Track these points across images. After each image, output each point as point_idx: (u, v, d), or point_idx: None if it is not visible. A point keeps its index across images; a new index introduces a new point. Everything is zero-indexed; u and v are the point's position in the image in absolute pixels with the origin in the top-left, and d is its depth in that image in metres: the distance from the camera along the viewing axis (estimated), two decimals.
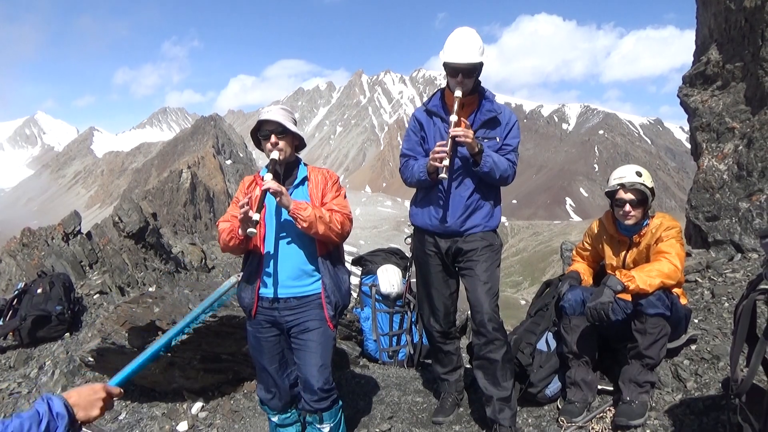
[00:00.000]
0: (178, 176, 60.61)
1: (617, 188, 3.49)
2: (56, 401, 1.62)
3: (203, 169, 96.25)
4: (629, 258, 3.61)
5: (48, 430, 1.55)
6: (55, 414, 1.59)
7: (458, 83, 3.24)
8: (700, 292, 4.56)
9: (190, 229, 37.86)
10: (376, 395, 4.39)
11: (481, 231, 3.44)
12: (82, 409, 1.69)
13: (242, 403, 4.42)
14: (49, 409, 1.59)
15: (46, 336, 5.99)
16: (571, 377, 3.60)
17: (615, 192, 3.52)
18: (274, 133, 2.94)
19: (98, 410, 1.74)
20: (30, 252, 8.43)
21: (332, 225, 2.89)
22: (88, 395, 1.72)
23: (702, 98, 5.91)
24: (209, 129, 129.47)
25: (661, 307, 3.23)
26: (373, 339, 5.40)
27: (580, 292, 3.63)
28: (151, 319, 4.02)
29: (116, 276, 8.20)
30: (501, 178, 3.31)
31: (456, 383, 3.90)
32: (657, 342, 3.28)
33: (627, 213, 3.47)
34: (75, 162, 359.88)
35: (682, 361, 3.66)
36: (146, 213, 10.44)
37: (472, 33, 3.28)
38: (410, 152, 3.56)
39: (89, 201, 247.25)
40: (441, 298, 3.64)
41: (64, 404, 1.63)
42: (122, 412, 4.47)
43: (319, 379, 2.95)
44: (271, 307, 3.01)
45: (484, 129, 3.39)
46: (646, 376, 3.34)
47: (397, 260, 5.60)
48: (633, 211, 3.46)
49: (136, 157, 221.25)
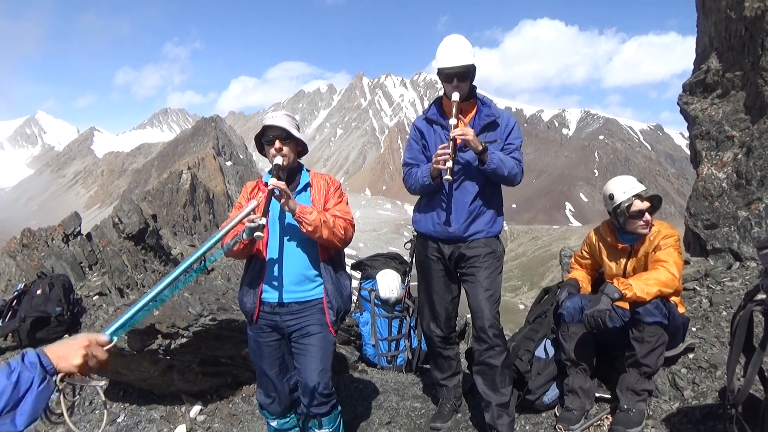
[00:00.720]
0: (178, 177, 60.63)
1: (632, 200, 3.45)
2: (30, 353, 1.53)
3: (203, 170, 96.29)
4: (629, 266, 3.63)
5: (19, 380, 1.44)
6: (28, 363, 1.48)
7: (454, 88, 3.29)
8: (698, 300, 4.57)
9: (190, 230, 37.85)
10: (375, 400, 4.40)
11: (484, 237, 3.46)
12: (62, 359, 1.57)
13: (241, 407, 4.43)
14: (22, 360, 1.49)
15: (46, 337, 5.99)
16: (569, 385, 3.61)
17: (630, 205, 3.46)
18: (278, 139, 2.96)
19: (80, 358, 1.61)
20: (30, 253, 8.44)
21: (336, 230, 2.91)
22: (68, 345, 1.61)
23: (702, 106, 5.94)
24: (210, 130, 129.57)
25: (659, 315, 3.24)
26: (372, 344, 5.41)
27: (578, 300, 3.65)
28: (150, 323, 4.02)
29: (116, 277, 8.21)
30: (509, 175, 3.32)
31: (454, 389, 3.91)
32: (654, 350, 3.29)
33: (647, 222, 3.47)
34: (75, 162, 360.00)
35: (680, 369, 3.67)
36: (146, 214, 10.45)
37: (460, 38, 3.35)
38: (413, 161, 3.59)
39: (89, 201, 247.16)
40: (442, 303, 3.66)
41: (37, 354, 1.53)
42: (120, 414, 4.48)
43: (318, 384, 2.96)
44: (272, 311, 3.03)
45: (485, 133, 3.42)
46: (644, 385, 3.35)
47: (396, 265, 5.62)
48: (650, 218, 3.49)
49: (136, 157, 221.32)
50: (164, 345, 4.10)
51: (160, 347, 4.10)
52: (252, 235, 2.71)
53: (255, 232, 2.69)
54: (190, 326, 4.11)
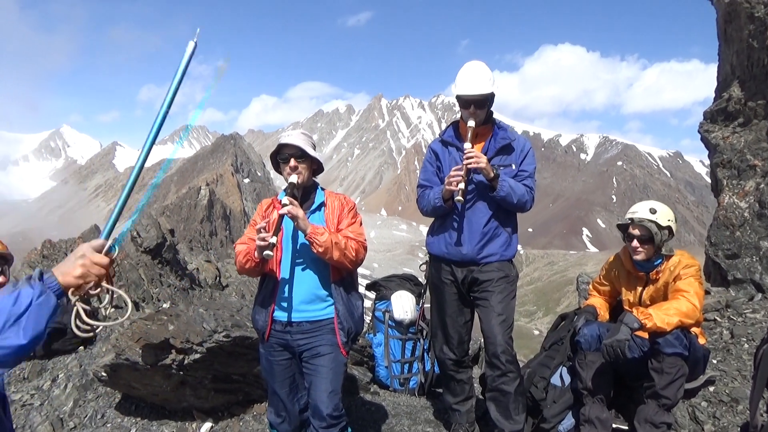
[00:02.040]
0: (197, 193, 61.35)
1: (628, 222, 3.51)
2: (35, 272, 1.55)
3: (221, 186, 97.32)
4: (645, 294, 3.57)
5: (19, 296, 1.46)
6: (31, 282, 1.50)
7: (471, 114, 3.33)
8: (719, 331, 4.48)
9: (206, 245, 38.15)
10: (386, 423, 4.35)
11: (498, 261, 3.44)
12: (64, 275, 1.58)
13: (251, 425, 4.40)
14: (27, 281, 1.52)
15: (61, 348, 6.02)
16: (585, 414, 3.54)
17: (627, 226, 3.53)
18: (293, 157, 2.98)
19: (79, 268, 1.60)
20: (50, 264, 8.56)
21: (347, 252, 2.90)
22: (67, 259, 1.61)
23: (723, 135, 5.88)
24: (229, 147, 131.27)
25: (679, 346, 3.18)
26: (385, 365, 5.36)
27: (596, 328, 3.59)
28: (165, 337, 4.03)
29: (132, 291, 8.28)
30: (519, 203, 3.33)
31: (467, 414, 3.84)
32: (674, 382, 3.22)
33: (635, 248, 3.48)
34: (97, 175, 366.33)
35: (700, 402, 3.58)
36: (164, 229, 10.56)
37: (481, 66, 3.40)
38: (427, 183, 3.61)
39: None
40: (455, 326, 3.63)
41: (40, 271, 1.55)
42: (132, 428, 4.47)
43: (328, 405, 2.93)
44: (284, 330, 3.02)
45: (499, 156, 3.44)
46: (663, 417, 3.27)
47: (411, 287, 5.59)
48: (641, 246, 3.46)
49: (156, 172, 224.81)
50: (178, 360, 4.10)
51: (174, 362, 4.10)
52: (262, 253, 2.72)
53: (264, 251, 2.70)
54: (204, 342, 4.11)
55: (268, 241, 2.69)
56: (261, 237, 2.73)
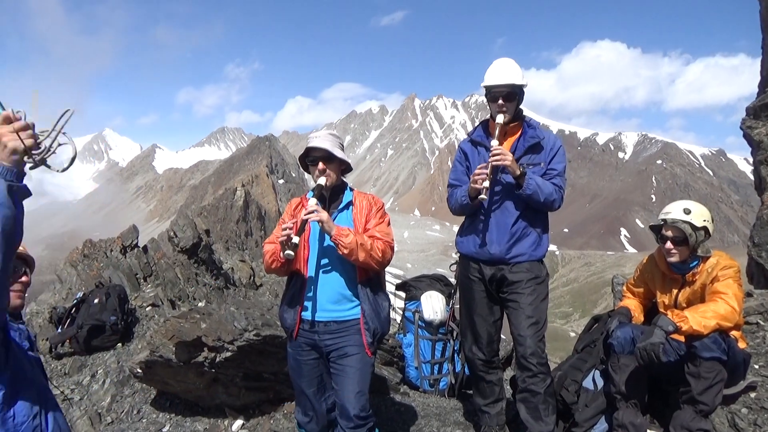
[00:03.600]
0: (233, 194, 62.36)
1: (661, 223, 3.39)
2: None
3: (256, 187, 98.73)
4: (681, 297, 3.46)
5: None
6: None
7: (500, 108, 3.29)
8: (761, 335, 4.30)
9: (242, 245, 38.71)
10: (415, 424, 4.33)
11: (527, 261, 3.39)
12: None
13: (282, 424, 4.44)
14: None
15: (100, 345, 6.22)
16: (618, 419, 3.45)
17: (661, 227, 3.41)
18: (321, 160, 3.00)
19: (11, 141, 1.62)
20: (90, 263, 8.83)
21: (373, 252, 2.89)
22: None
23: (767, 131, 5.66)
24: (264, 149, 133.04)
25: (717, 350, 3.07)
26: (415, 366, 5.35)
27: (629, 330, 3.50)
28: (197, 335, 4.12)
29: (168, 289, 8.47)
30: (546, 201, 3.27)
31: (497, 416, 3.78)
32: (712, 387, 3.11)
33: (669, 250, 3.37)
34: (137, 177, 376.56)
35: (740, 409, 3.45)
36: (200, 229, 10.78)
37: (510, 60, 3.38)
38: (456, 182, 3.60)
39: (148, 215, 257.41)
40: (484, 325, 3.59)
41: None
42: (166, 424, 4.58)
43: (355, 406, 2.94)
44: (311, 330, 3.04)
45: (528, 155, 3.40)
46: (700, 424, 3.16)
47: (441, 287, 5.56)
48: (675, 248, 3.34)
49: (194, 174, 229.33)
50: (210, 358, 4.18)
51: (206, 360, 4.18)
52: (284, 253, 2.74)
53: (286, 249, 2.72)
54: (235, 340, 4.18)
55: (291, 239, 2.71)
56: (285, 233, 2.76)
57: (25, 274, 2.21)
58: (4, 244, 1.57)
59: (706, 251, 3.36)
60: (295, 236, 2.73)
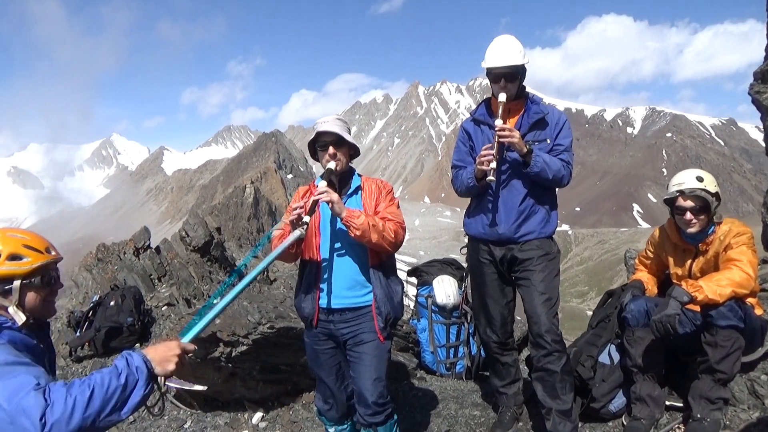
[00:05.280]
0: (242, 191, 62.57)
1: (676, 195, 3.31)
2: (135, 356, 1.74)
3: (265, 183, 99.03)
4: (695, 267, 3.42)
5: (127, 382, 1.67)
6: (134, 368, 1.71)
7: (501, 88, 3.25)
8: None
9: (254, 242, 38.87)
10: (434, 408, 4.35)
11: (537, 238, 3.36)
12: (159, 364, 1.79)
13: (301, 414, 4.48)
14: (127, 363, 1.71)
15: (119, 346, 6.29)
16: (636, 392, 3.44)
17: (675, 199, 3.34)
18: (331, 144, 2.99)
19: (173, 365, 1.84)
20: (104, 266, 8.91)
21: (385, 233, 2.87)
22: (163, 351, 1.82)
23: None
24: (271, 145, 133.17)
25: (734, 318, 3.04)
26: (430, 351, 5.36)
27: (643, 303, 3.47)
28: (212, 331, 4.15)
29: (183, 288, 8.53)
30: (555, 178, 3.23)
31: (515, 396, 3.79)
32: (730, 356, 3.08)
33: (689, 221, 3.28)
34: (147, 180, 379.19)
35: (759, 376, 3.42)
36: (211, 227, 10.81)
37: (510, 38, 3.31)
38: (460, 163, 3.55)
39: (160, 217, 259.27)
40: (497, 307, 3.57)
41: (143, 359, 1.75)
42: (187, 420, 4.63)
43: (373, 393, 2.94)
44: (327, 319, 3.04)
45: (533, 132, 3.35)
46: (719, 392, 3.14)
47: (452, 271, 5.55)
48: (695, 218, 3.26)
49: (202, 174, 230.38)
50: (226, 353, 4.21)
51: (222, 355, 4.21)
52: (294, 229, 2.72)
53: (296, 227, 2.71)
54: (250, 334, 4.21)
55: (302, 218, 2.70)
56: (296, 212, 2.75)
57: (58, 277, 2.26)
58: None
59: (719, 217, 3.32)
60: (305, 215, 2.72)
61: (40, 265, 2.01)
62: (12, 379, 1.61)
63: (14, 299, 1.96)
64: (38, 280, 2.01)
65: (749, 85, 6.06)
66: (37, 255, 2.02)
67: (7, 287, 1.95)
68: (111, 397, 1.62)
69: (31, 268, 1.99)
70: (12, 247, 1.97)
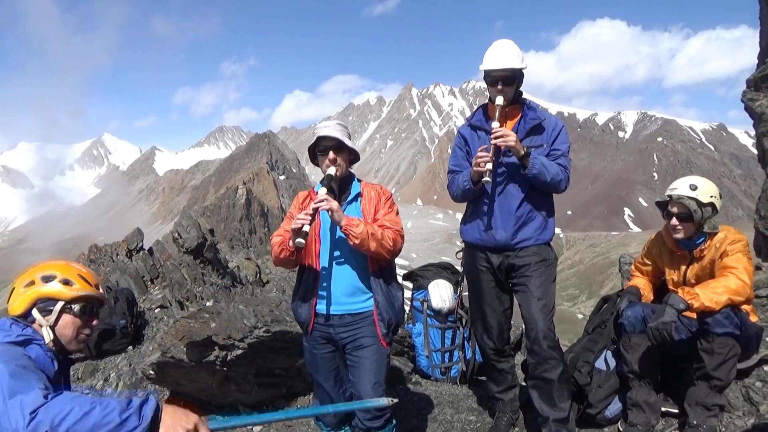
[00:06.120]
0: (234, 192, 62.48)
1: (667, 199, 3.35)
2: (150, 404, 1.67)
3: (258, 185, 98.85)
4: (690, 273, 3.44)
5: (126, 421, 1.60)
6: (142, 414, 1.64)
7: (498, 92, 3.25)
8: None
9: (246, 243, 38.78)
10: (429, 413, 4.34)
11: (534, 245, 3.36)
12: (168, 426, 1.71)
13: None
14: (140, 406, 1.65)
15: (111, 349, 6.25)
16: (632, 398, 3.45)
17: (666, 203, 3.37)
18: (332, 149, 2.98)
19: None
20: (96, 268, 8.86)
21: (384, 242, 2.87)
22: (179, 417, 1.74)
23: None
24: (263, 146, 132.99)
25: (730, 325, 3.06)
26: (425, 355, 5.35)
27: (640, 309, 3.48)
28: (207, 334, 4.12)
29: (176, 290, 8.49)
30: (553, 182, 3.23)
31: (511, 402, 3.79)
32: (726, 363, 3.10)
33: (674, 227, 3.33)
34: (138, 180, 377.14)
35: (754, 382, 3.45)
36: (204, 229, 10.79)
37: (509, 43, 3.32)
38: (457, 168, 3.55)
39: (151, 217, 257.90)
40: (494, 315, 3.56)
41: (154, 410, 1.67)
42: None
43: (372, 397, 2.94)
44: (326, 324, 3.03)
45: (530, 137, 3.35)
46: (715, 399, 3.16)
47: (448, 275, 5.54)
48: (680, 224, 3.30)
49: (194, 174, 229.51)
50: (221, 356, 4.19)
51: (217, 359, 4.19)
52: (295, 240, 2.72)
53: (297, 237, 2.70)
54: (245, 338, 4.19)
55: (303, 228, 2.69)
56: (300, 221, 2.73)
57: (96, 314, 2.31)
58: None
59: (713, 227, 3.31)
60: (306, 225, 2.71)
61: (84, 294, 2.17)
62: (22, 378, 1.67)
63: (51, 320, 2.10)
64: (78, 308, 2.15)
65: (742, 92, 6.13)
66: (85, 285, 2.18)
67: (50, 307, 2.10)
68: (104, 425, 1.58)
69: (76, 295, 2.14)
70: (67, 274, 2.16)
